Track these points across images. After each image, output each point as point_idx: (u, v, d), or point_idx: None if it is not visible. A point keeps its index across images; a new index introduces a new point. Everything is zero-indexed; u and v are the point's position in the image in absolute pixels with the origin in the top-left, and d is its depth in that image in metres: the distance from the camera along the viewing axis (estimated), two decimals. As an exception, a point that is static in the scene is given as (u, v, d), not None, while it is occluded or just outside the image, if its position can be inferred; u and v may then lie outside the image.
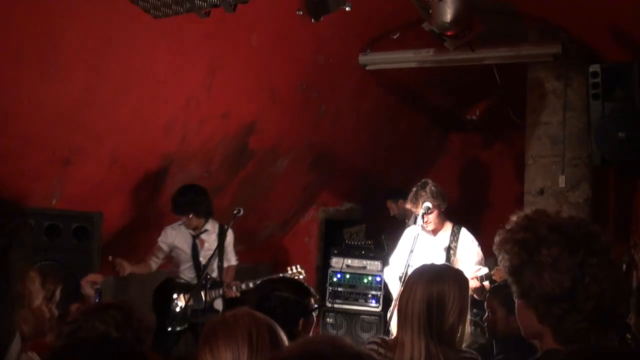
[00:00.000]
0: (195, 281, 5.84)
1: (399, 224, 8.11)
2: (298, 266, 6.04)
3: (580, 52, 6.24)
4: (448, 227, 5.66)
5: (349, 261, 8.17)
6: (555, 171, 6.39)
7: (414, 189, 5.55)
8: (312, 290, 3.43)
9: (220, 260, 5.96)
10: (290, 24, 5.83)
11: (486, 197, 9.20)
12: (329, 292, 8.14)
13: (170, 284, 5.90)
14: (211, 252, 5.81)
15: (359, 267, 8.12)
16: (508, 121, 8.10)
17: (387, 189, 8.48)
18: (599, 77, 5.17)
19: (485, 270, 5.50)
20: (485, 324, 4.03)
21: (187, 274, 5.94)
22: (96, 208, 5.09)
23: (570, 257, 1.77)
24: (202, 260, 5.87)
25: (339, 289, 8.11)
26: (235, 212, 5.62)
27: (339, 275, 8.14)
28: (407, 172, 9.14)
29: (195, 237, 5.92)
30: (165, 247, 5.89)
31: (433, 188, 5.47)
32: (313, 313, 3.30)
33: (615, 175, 7.84)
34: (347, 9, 3.98)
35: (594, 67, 5.21)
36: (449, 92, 8.82)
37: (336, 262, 8.25)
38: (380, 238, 8.43)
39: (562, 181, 6.28)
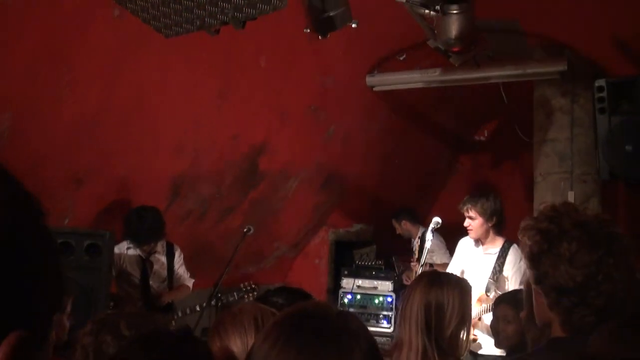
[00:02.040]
0: (143, 305, 5.50)
1: (408, 244, 8.17)
2: (251, 282, 5.88)
3: (585, 68, 6.28)
4: (499, 242, 5.64)
5: (359, 282, 8.17)
6: (564, 188, 6.41)
7: (472, 193, 5.67)
8: (310, 297, 3.49)
9: (170, 282, 5.70)
10: (298, 45, 5.92)
11: (496, 217, 9.19)
12: (340, 314, 8.14)
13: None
14: (161, 275, 5.62)
15: (370, 288, 8.12)
16: (516, 140, 8.13)
17: (394, 210, 8.55)
18: (605, 92, 5.21)
19: None
20: (497, 334, 4.02)
21: (136, 294, 5.56)
22: (108, 228, 5.15)
23: (589, 254, 1.81)
24: (152, 283, 5.60)
25: (350, 310, 8.11)
26: (245, 230, 5.65)
27: (349, 296, 8.14)
28: (416, 192, 9.18)
29: (145, 260, 5.60)
30: (113, 272, 5.29)
31: (485, 200, 5.53)
32: None
33: (625, 190, 7.84)
34: (353, 25, 4.02)
35: (600, 82, 5.25)
36: (456, 114, 8.88)
37: (347, 283, 8.26)
38: (391, 259, 8.45)
39: (571, 197, 6.29)
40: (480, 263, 5.56)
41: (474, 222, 5.52)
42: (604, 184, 6.35)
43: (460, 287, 3.05)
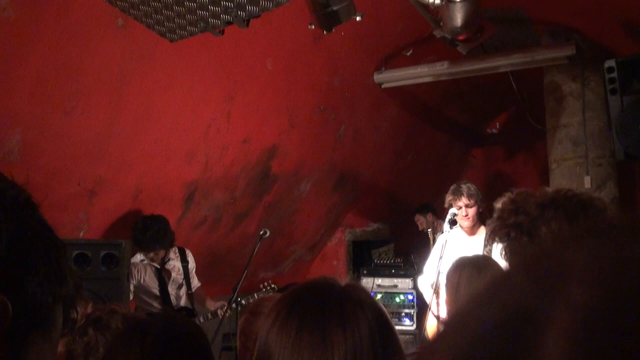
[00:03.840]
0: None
1: (427, 239, 8.12)
2: (270, 281, 5.84)
3: (594, 51, 6.24)
4: (482, 231, 5.63)
5: (379, 281, 8.12)
6: (579, 173, 6.35)
7: (453, 186, 5.57)
8: None
9: (189, 287, 5.72)
10: (304, 46, 5.92)
11: (513, 208, 9.15)
12: (362, 314, 8.08)
13: None
14: (178, 282, 5.64)
15: (390, 286, 8.06)
16: (529, 130, 8.08)
17: (415, 205, 8.52)
18: (615, 72, 5.14)
19: None
20: None
21: (156, 305, 5.55)
22: (123, 238, 5.15)
23: (571, 227, 1.73)
24: (171, 290, 5.61)
25: (371, 309, 8.05)
26: (261, 233, 5.60)
27: (370, 296, 8.08)
28: (431, 188, 9.12)
29: (160, 270, 5.59)
30: (131, 284, 5.28)
31: (471, 186, 5.50)
32: None
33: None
34: (357, 18, 3.99)
35: (609, 63, 5.18)
36: (467, 107, 8.84)
37: (366, 283, 8.20)
38: (410, 256, 8.39)
39: (587, 182, 6.23)
40: (468, 253, 5.50)
41: (471, 209, 5.47)
42: (620, 165, 6.28)
43: (499, 266, 3.00)
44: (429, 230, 7.61)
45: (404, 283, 8.02)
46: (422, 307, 7.11)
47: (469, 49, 4.94)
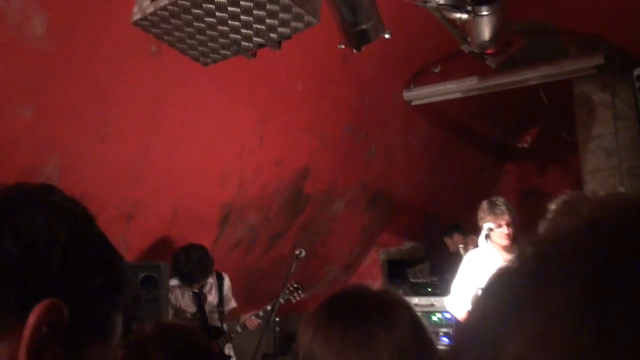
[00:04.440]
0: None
1: (460, 258, 8.07)
2: (293, 282, 5.77)
3: (623, 60, 6.21)
4: (515, 248, 5.56)
5: (416, 300, 8.06)
6: (614, 184, 6.30)
7: (487, 204, 5.44)
8: None
9: (221, 306, 5.76)
10: (334, 67, 5.97)
11: (548, 223, 9.06)
12: (399, 333, 8.02)
13: None
14: (213, 304, 5.70)
15: (427, 305, 8.01)
16: (561, 143, 8.04)
17: (444, 225, 8.50)
18: (646, 80, 5.15)
19: None
20: None
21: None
22: (162, 261, 5.22)
23: None
24: (208, 313, 5.67)
25: (409, 328, 7.99)
26: (297, 253, 5.60)
27: (407, 315, 8.04)
28: (465, 205, 9.09)
29: (199, 295, 5.64)
30: (171, 313, 5.41)
31: (506, 202, 5.41)
32: None
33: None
34: (387, 36, 4.04)
35: (639, 71, 5.18)
36: (498, 123, 8.82)
37: (403, 302, 8.16)
38: (446, 275, 8.35)
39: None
40: None
41: (511, 228, 5.37)
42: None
43: None
44: (460, 246, 7.55)
45: (440, 302, 7.94)
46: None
47: (498, 62, 4.96)
